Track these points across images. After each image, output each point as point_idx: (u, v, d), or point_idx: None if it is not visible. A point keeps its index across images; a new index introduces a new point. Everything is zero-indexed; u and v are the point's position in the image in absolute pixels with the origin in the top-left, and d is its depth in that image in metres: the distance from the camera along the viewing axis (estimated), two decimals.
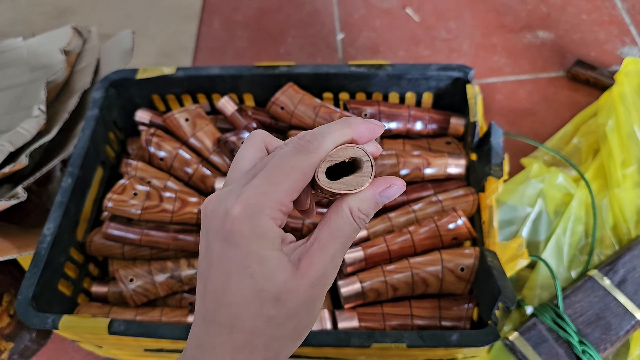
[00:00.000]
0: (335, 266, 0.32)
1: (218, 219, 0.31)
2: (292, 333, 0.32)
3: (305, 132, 0.33)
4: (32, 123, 0.72)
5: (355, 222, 0.32)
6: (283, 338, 0.32)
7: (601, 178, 0.83)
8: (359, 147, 0.32)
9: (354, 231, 0.32)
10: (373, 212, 0.33)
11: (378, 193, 0.32)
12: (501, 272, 0.57)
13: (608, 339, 0.69)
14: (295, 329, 0.32)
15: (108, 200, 0.69)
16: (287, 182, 0.31)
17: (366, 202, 0.32)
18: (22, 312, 0.59)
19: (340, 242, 0.32)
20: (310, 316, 0.32)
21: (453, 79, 0.75)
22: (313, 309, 0.32)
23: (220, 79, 0.78)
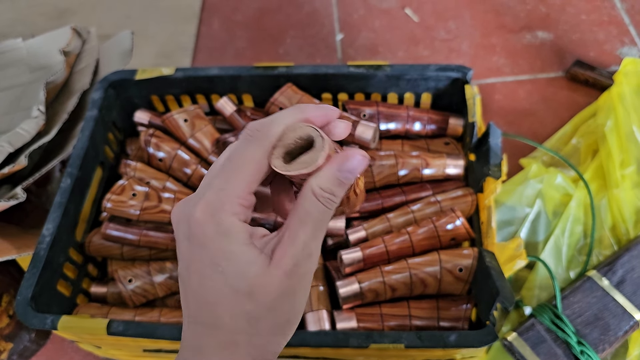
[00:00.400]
0: (309, 254, 0.31)
1: (184, 224, 0.31)
2: (274, 327, 0.32)
3: (254, 121, 0.32)
4: (31, 124, 0.73)
5: (320, 202, 0.31)
6: (265, 333, 0.31)
7: (600, 178, 0.84)
8: (308, 125, 0.31)
9: (322, 213, 0.31)
10: (339, 190, 0.31)
11: (336, 168, 0.31)
12: (499, 273, 0.57)
13: (606, 340, 0.69)
14: (278, 322, 0.32)
15: (107, 201, 0.69)
16: (242, 175, 0.30)
17: (325, 178, 0.31)
18: (21, 313, 0.59)
19: (310, 227, 0.31)
20: (292, 309, 0.32)
21: (452, 80, 0.75)
22: (294, 301, 0.32)
23: (219, 79, 0.78)
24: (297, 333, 0.55)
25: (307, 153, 0.31)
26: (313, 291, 0.64)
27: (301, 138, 0.31)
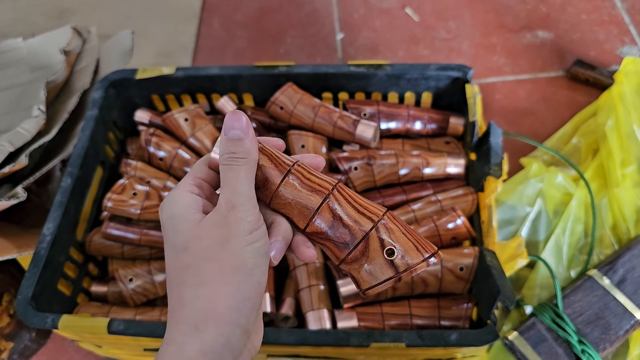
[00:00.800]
0: (232, 206, 0.34)
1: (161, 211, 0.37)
2: (219, 277, 0.33)
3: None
4: (31, 123, 0.73)
5: (223, 163, 0.36)
6: (211, 283, 0.33)
7: (600, 178, 0.84)
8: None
9: (228, 170, 0.35)
10: (233, 146, 0.36)
11: (224, 133, 0.36)
12: (500, 272, 0.57)
13: (607, 339, 0.69)
14: (221, 271, 0.33)
15: (107, 200, 0.69)
16: (196, 166, 0.39)
17: (220, 145, 0.36)
18: (22, 312, 0.59)
19: (226, 185, 0.35)
20: (232, 256, 0.33)
21: (452, 79, 0.75)
22: (231, 249, 0.33)
23: (219, 79, 0.78)
24: (298, 332, 0.56)
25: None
26: (314, 290, 0.64)
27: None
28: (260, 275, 0.34)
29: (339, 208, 0.36)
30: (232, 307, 0.33)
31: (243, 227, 0.34)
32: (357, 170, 0.70)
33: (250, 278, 0.34)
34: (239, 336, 0.33)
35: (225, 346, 0.32)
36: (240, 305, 0.33)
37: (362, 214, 0.36)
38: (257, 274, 0.34)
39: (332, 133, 0.74)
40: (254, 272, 0.34)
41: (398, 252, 0.35)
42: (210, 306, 0.33)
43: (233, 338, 0.33)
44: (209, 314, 0.32)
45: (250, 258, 0.34)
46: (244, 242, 0.34)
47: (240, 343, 0.33)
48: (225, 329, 0.33)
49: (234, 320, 0.33)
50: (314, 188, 0.37)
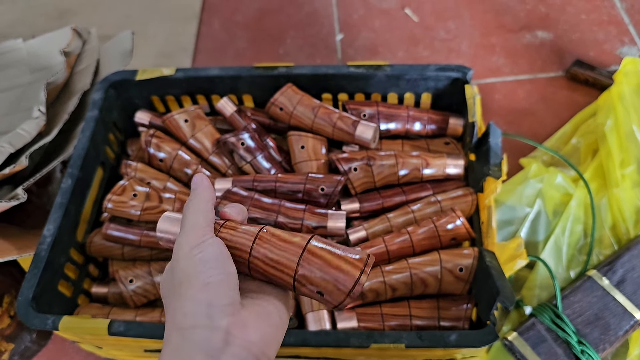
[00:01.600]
0: (193, 226, 0.40)
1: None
2: (196, 285, 0.37)
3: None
4: (32, 124, 0.73)
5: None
6: (182, 294, 0.37)
7: (600, 178, 0.84)
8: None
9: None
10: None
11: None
12: (500, 272, 0.57)
13: (607, 339, 0.69)
14: (194, 279, 0.37)
15: (108, 201, 0.69)
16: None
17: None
18: (23, 313, 0.59)
19: (187, 213, 0.41)
20: (198, 268, 0.38)
21: (452, 80, 0.75)
22: (197, 262, 0.38)
23: (219, 79, 0.78)
24: (298, 333, 0.56)
25: None
26: None
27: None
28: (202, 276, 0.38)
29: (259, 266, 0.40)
30: (186, 314, 0.37)
31: (199, 235, 0.39)
32: (357, 171, 0.70)
33: (196, 282, 0.37)
34: (204, 334, 0.36)
35: (187, 346, 0.36)
36: (195, 309, 0.36)
37: (279, 270, 0.39)
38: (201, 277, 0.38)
39: (332, 134, 0.74)
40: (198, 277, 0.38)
41: (325, 294, 0.38)
42: (170, 318, 0.38)
43: (197, 337, 0.36)
44: (169, 327, 0.38)
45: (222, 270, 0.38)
46: (216, 256, 0.39)
47: (209, 340, 0.35)
48: (182, 333, 0.36)
49: (183, 325, 0.36)
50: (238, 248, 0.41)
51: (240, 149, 0.73)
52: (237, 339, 0.36)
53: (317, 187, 0.68)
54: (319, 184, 0.68)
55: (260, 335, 0.37)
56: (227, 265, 0.38)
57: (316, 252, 0.39)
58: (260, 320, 0.38)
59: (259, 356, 0.36)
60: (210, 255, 0.38)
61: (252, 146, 0.73)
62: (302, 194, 0.69)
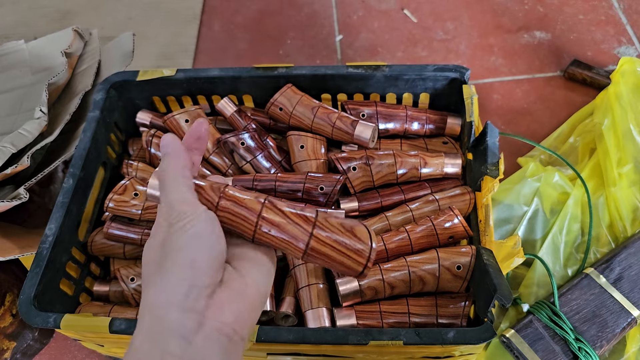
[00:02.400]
0: (170, 208, 0.38)
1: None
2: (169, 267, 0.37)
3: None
4: (33, 125, 0.73)
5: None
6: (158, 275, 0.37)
7: (597, 177, 0.84)
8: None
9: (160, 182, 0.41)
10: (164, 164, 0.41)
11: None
12: (497, 270, 0.57)
13: (604, 337, 0.69)
14: (170, 262, 0.37)
15: (109, 201, 0.70)
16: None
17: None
18: (25, 312, 0.59)
19: (161, 196, 0.40)
20: (173, 248, 0.37)
21: (450, 80, 0.76)
22: (195, 233, 0.37)
23: (219, 80, 0.79)
24: (297, 330, 0.56)
25: None
26: (313, 289, 0.65)
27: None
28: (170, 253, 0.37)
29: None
30: (165, 289, 0.36)
31: (183, 226, 0.38)
32: (356, 171, 0.71)
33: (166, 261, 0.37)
34: (178, 314, 0.35)
35: (159, 328, 0.35)
36: (175, 287, 0.36)
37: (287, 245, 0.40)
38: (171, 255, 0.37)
39: (331, 134, 0.75)
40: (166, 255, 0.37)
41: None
42: (144, 299, 0.37)
43: (171, 316, 0.35)
44: (143, 307, 0.37)
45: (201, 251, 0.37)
46: (186, 237, 0.37)
47: (183, 321, 0.35)
48: (155, 313, 0.36)
49: (157, 304, 0.36)
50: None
51: (241, 148, 0.73)
52: (211, 321, 0.36)
53: (316, 186, 0.69)
54: (318, 183, 0.69)
55: (234, 316, 0.37)
56: (218, 243, 0.38)
57: (319, 250, 0.40)
58: (236, 299, 0.37)
59: (231, 335, 0.36)
60: (202, 231, 0.37)
61: (252, 146, 0.74)
62: (302, 193, 0.69)
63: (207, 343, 0.35)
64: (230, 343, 0.36)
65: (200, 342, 0.35)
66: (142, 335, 0.36)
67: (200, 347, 0.35)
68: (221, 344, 0.36)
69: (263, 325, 0.57)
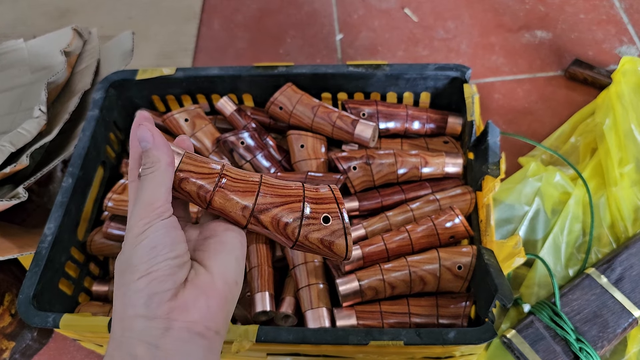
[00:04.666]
0: (138, 219, 0.38)
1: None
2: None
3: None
4: (32, 124, 0.73)
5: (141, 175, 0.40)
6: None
7: (599, 177, 0.84)
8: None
9: (143, 181, 0.39)
10: (143, 159, 0.39)
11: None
12: (498, 270, 0.57)
13: (605, 337, 0.69)
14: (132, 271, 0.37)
15: (108, 200, 0.69)
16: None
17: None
18: (24, 311, 0.59)
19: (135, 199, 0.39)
20: (148, 251, 0.37)
21: (450, 79, 0.76)
22: (147, 245, 0.37)
23: (219, 79, 0.79)
24: (297, 330, 0.56)
25: None
26: (313, 289, 0.64)
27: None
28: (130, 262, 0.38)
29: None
30: (126, 304, 0.36)
31: (147, 237, 0.38)
32: (356, 170, 0.70)
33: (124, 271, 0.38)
34: (142, 323, 0.36)
35: (127, 337, 0.36)
36: (134, 300, 0.36)
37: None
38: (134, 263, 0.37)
39: (331, 133, 0.74)
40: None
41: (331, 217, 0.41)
42: (113, 310, 0.38)
43: (136, 326, 0.36)
44: (113, 317, 0.38)
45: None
46: (146, 243, 0.37)
47: (148, 329, 0.36)
48: (123, 324, 0.36)
49: (124, 315, 0.36)
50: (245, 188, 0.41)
51: (240, 147, 0.73)
52: (177, 322, 0.36)
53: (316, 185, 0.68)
54: (318, 183, 0.68)
55: (202, 313, 0.37)
56: (173, 250, 0.37)
57: (304, 244, 0.41)
58: (202, 296, 0.37)
59: (203, 332, 0.37)
60: (156, 240, 0.37)
61: (252, 145, 0.73)
62: None
63: (177, 344, 0.36)
64: (204, 339, 0.37)
65: (169, 344, 0.35)
66: (114, 343, 0.37)
67: (170, 349, 0.35)
68: (194, 342, 0.36)
69: (263, 326, 0.56)
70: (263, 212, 0.40)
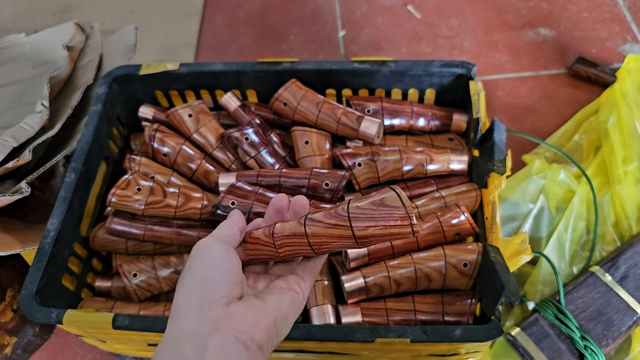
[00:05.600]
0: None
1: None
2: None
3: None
4: (35, 119, 0.73)
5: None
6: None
7: (603, 175, 0.84)
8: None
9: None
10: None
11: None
12: (504, 268, 0.57)
13: (610, 335, 0.69)
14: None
15: (112, 196, 0.69)
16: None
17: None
18: (26, 307, 0.59)
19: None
20: (205, 260, 0.43)
21: (456, 76, 0.75)
22: (204, 256, 0.44)
23: (223, 75, 0.78)
24: (303, 327, 0.56)
25: None
26: (318, 285, 0.64)
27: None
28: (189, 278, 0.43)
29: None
30: (179, 305, 0.41)
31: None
32: (361, 167, 0.70)
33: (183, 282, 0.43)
34: (192, 323, 0.39)
35: (177, 335, 0.39)
36: (187, 301, 0.41)
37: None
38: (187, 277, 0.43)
39: (336, 129, 0.74)
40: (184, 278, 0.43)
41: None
42: (172, 307, 0.42)
43: (186, 325, 0.39)
44: (170, 313, 0.42)
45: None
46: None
47: (197, 328, 0.39)
48: (175, 322, 0.40)
49: (177, 316, 0.40)
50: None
51: (244, 143, 0.73)
52: (225, 327, 0.39)
53: (321, 182, 0.68)
54: (323, 179, 0.68)
55: (250, 325, 0.40)
56: (230, 264, 0.43)
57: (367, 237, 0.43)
58: (253, 311, 0.41)
59: (248, 344, 0.39)
60: (213, 254, 0.43)
61: (256, 141, 0.73)
62: (307, 189, 0.69)
63: (223, 347, 0.38)
64: (248, 351, 0.39)
65: (215, 345, 0.38)
66: (164, 343, 0.39)
67: (216, 350, 0.37)
68: (238, 351, 0.38)
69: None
70: (321, 248, 0.44)
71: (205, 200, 0.70)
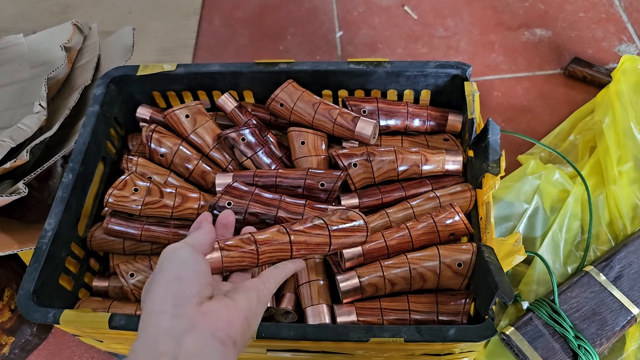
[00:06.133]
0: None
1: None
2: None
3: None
4: (33, 119, 0.73)
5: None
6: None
7: (597, 175, 0.84)
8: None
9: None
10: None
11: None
12: (498, 268, 0.57)
13: (604, 334, 0.70)
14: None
15: (109, 196, 0.69)
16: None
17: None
18: (24, 307, 0.59)
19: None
20: (178, 261, 0.44)
21: (451, 76, 0.76)
22: (177, 256, 0.45)
23: (220, 75, 0.78)
24: (298, 327, 0.56)
25: None
26: (313, 285, 0.65)
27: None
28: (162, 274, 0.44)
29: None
30: (155, 301, 0.41)
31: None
32: (357, 167, 0.71)
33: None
34: (168, 319, 0.40)
35: (153, 332, 0.39)
36: (163, 297, 0.41)
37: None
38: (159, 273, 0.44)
39: (332, 130, 0.74)
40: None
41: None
42: (142, 311, 0.42)
43: (162, 322, 0.39)
44: (142, 317, 0.42)
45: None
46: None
47: (173, 324, 0.39)
48: (150, 320, 0.40)
49: (151, 313, 0.41)
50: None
51: (241, 144, 0.73)
52: (201, 324, 0.40)
53: (317, 182, 0.68)
54: (319, 180, 0.69)
55: (225, 322, 0.41)
56: (199, 265, 0.44)
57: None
58: (226, 308, 0.42)
59: (224, 339, 0.40)
60: (184, 256, 0.44)
61: (253, 142, 0.73)
62: (303, 189, 0.69)
63: (199, 343, 0.39)
64: (224, 347, 0.40)
65: (191, 342, 0.38)
66: (140, 341, 0.39)
67: (192, 347, 0.38)
68: (214, 347, 0.39)
69: (263, 322, 0.56)
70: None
71: (202, 200, 0.71)
